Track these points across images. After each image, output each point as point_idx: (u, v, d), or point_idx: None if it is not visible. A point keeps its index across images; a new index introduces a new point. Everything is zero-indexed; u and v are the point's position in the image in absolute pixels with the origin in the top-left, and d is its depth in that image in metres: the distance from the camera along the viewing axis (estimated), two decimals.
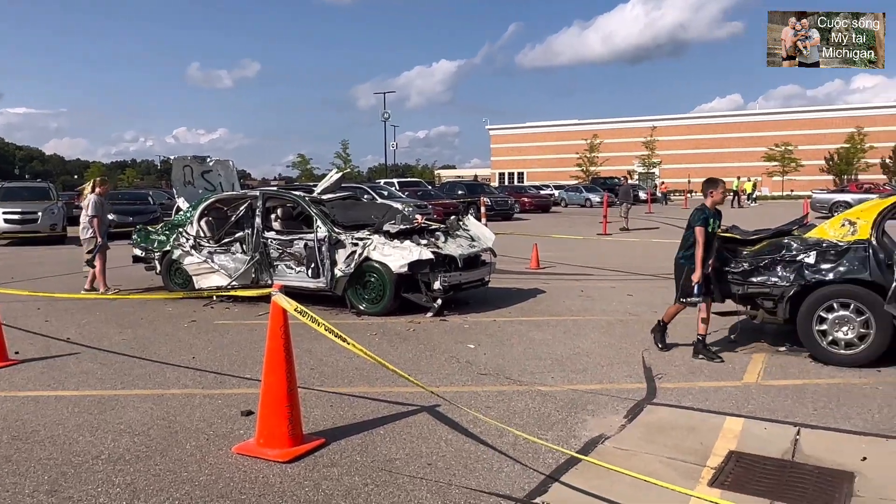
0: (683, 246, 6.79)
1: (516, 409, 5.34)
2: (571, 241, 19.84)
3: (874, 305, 6.17)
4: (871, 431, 4.82)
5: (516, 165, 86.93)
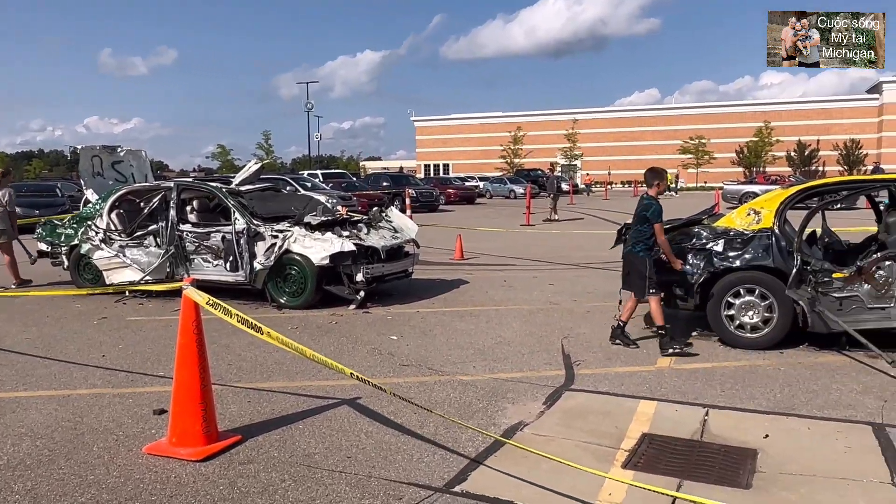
0: (639, 239, 6.68)
1: (437, 400, 5.35)
2: (496, 232, 20.06)
3: (777, 290, 6.48)
4: (774, 410, 5.07)
5: (442, 157, 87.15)
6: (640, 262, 6.67)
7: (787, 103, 78.53)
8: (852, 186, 7.47)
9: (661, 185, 6.80)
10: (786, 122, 72.11)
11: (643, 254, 6.66)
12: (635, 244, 6.72)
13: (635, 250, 6.72)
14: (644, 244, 6.67)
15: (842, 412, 5.00)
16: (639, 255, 6.68)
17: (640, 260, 6.68)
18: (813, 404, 5.18)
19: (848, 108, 74.03)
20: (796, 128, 70.99)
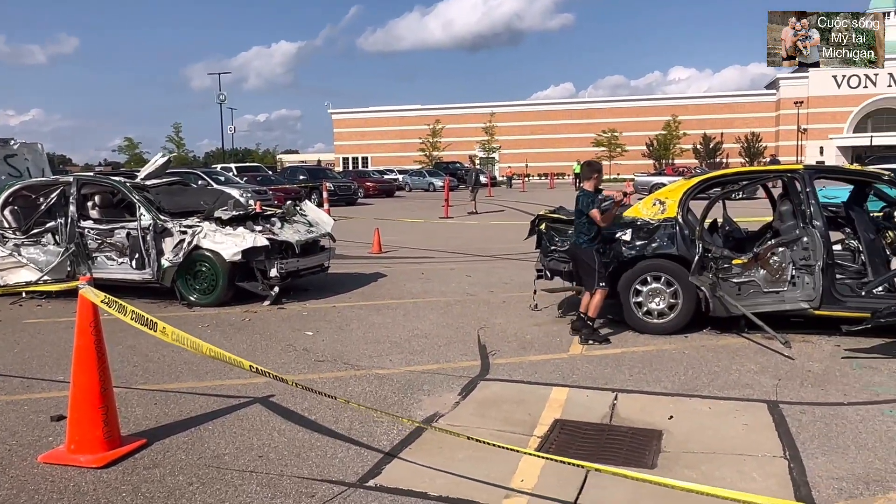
0: (581, 231, 6.68)
1: (353, 394, 5.31)
2: (414, 224, 20.07)
3: (681, 277, 6.75)
4: (678, 392, 5.28)
5: (360, 150, 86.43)
6: (587, 255, 6.65)
7: (694, 98, 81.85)
8: (749, 177, 7.85)
9: (597, 178, 6.78)
10: (692, 115, 75.14)
11: (586, 245, 6.64)
12: (578, 236, 6.72)
13: (579, 242, 6.70)
14: (586, 236, 6.65)
15: (740, 391, 5.26)
16: (582, 246, 6.67)
17: (585, 252, 6.66)
18: (714, 385, 5.42)
19: (749, 103, 77.85)
20: (702, 121, 74.12)
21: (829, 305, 6.45)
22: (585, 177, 6.83)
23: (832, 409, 4.85)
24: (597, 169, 6.84)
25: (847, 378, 5.53)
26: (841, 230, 7.97)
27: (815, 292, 6.46)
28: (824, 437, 4.35)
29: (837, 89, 73.27)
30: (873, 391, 5.21)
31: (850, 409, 4.86)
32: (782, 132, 73.73)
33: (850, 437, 4.35)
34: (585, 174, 6.85)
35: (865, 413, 4.77)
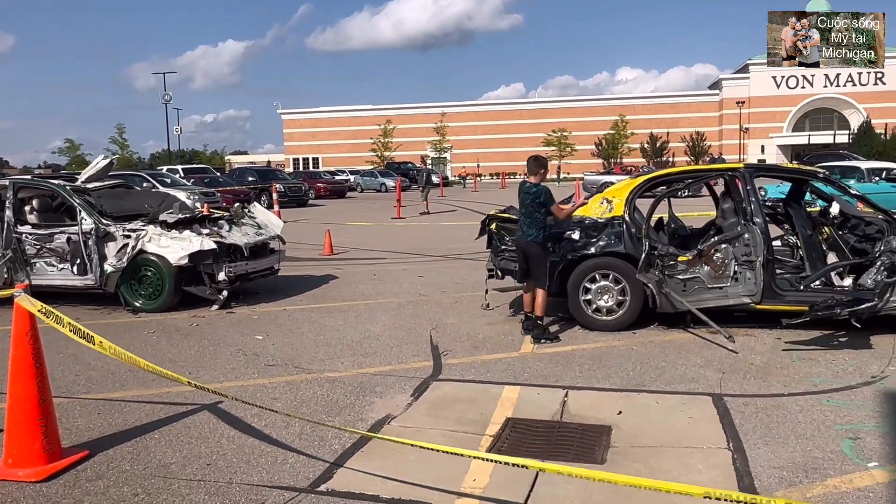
0: (535, 226, 6.64)
1: (304, 398, 5.25)
2: (366, 226, 19.98)
3: (629, 275, 6.87)
4: (627, 387, 5.38)
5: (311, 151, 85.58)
6: (539, 249, 6.66)
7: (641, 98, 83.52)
8: (693, 175, 8.04)
9: (544, 172, 6.83)
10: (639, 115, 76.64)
11: (541, 239, 6.63)
12: (529, 231, 6.66)
13: (531, 236, 6.67)
14: (540, 231, 6.62)
15: (686, 385, 5.39)
16: (537, 240, 6.64)
17: (537, 247, 6.65)
18: (661, 380, 5.54)
19: (694, 103, 79.77)
20: (649, 121, 75.66)
21: (770, 300, 6.65)
22: (532, 171, 6.81)
23: (773, 401, 5.00)
24: (542, 164, 6.89)
25: (787, 370, 5.71)
26: (780, 226, 8.23)
27: (757, 287, 6.65)
28: (766, 428, 4.49)
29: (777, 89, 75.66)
30: (812, 382, 5.39)
31: (790, 399, 5.02)
32: (725, 131, 75.75)
33: (790, 427, 4.50)
34: (532, 168, 6.83)
35: (805, 403, 4.94)
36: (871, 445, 4.21)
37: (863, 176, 19.63)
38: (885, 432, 4.39)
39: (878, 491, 3.64)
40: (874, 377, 5.46)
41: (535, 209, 6.65)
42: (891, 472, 3.84)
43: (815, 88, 74.85)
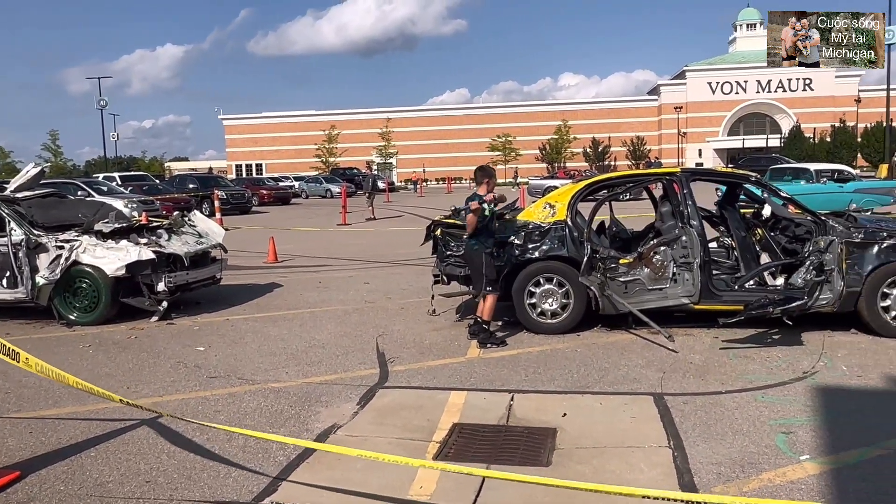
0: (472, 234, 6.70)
1: (248, 410, 5.16)
2: (311, 232, 19.77)
3: (572, 278, 6.97)
4: (571, 389, 5.45)
5: (254, 157, 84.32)
6: (477, 258, 6.70)
7: (583, 103, 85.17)
8: (632, 180, 8.21)
9: (489, 182, 6.87)
10: (581, 120, 78.09)
11: (478, 247, 6.70)
12: (471, 239, 6.75)
13: (471, 244, 6.74)
14: (480, 239, 6.69)
15: (628, 386, 5.50)
16: (474, 248, 6.71)
17: (476, 254, 6.70)
18: (605, 381, 5.64)
19: (634, 108, 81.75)
20: (591, 126, 77.14)
21: (707, 300, 6.85)
22: (478, 181, 6.90)
23: (711, 398, 5.15)
24: (489, 174, 6.95)
25: (725, 368, 5.88)
26: (716, 228, 8.49)
27: (695, 288, 6.84)
28: (705, 426, 4.61)
29: (712, 95, 78.14)
30: (748, 379, 5.57)
31: (727, 397, 5.18)
32: (664, 136, 77.83)
33: (727, 424, 4.63)
34: (478, 178, 6.92)
35: (741, 400, 5.10)
36: (802, 439, 4.37)
37: (812, 177, 20.64)
38: (816, 426, 4.57)
39: (809, 483, 3.78)
40: (805, 373, 5.67)
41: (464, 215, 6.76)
42: (821, 463, 4.00)
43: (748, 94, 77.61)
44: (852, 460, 4.04)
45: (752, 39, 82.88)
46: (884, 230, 6.77)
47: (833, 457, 4.08)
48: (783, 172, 22.07)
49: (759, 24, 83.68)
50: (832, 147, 57.40)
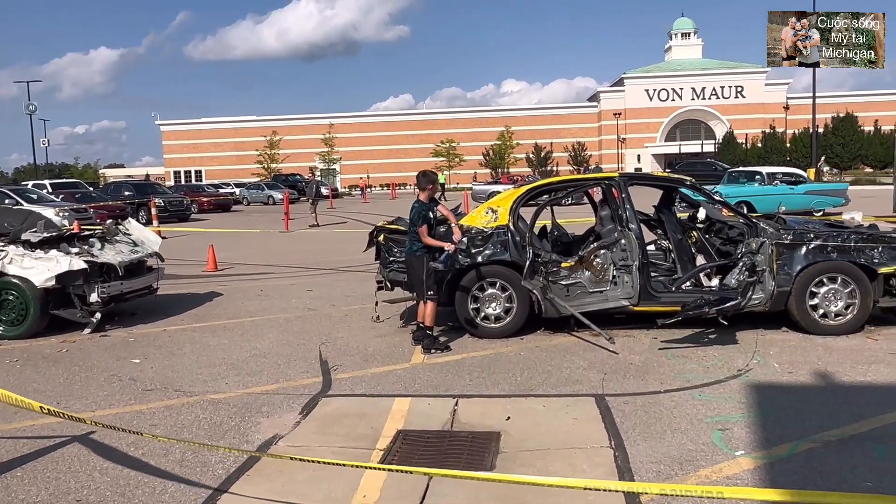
0: (414, 240, 6.70)
1: (185, 423, 5.01)
2: (253, 240, 19.42)
3: (515, 282, 7.03)
4: (515, 393, 5.49)
5: (193, 163, 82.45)
6: (418, 263, 6.68)
7: (525, 109, 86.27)
8: (572, 185, 8.35)
9: (431, 188, 6.88)
10: (524, 126, 79.06)
11: (419, 253, 6.68)
12: (411, 244, 6.75)
13: (413, 250, 6.72)
14: (420, 245, 6.69)
15: (571, 388, 5.56)
16: (416, 254, 6.69)
17: (417, 260, 6.69)
18: (548, 383, 5.69)
19: (575, 115, 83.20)
20: (533, 132, 78.17)
21: (646, 301, 7.00)
22: (421, 187, 6.89)
23: (651, 398, 5.25)
24: (432, 180, 6.96)
25: (663, 368, 6.02)
26: (653, 231, 8.69)
27: (634, 290, 6.98)
28: (644, 425, 4.70)
29: (650, 102, 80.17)
30: (685, 378, 5.71)
31: (666, 396, 5.29)
32: (604, 141, 79.42)
33: (666, 423, 4.73)
34: (421, 184, 6.90)
35: (679, 399, 5.22)
36: (738, 435, 4.49)
37: (764, 179, 21.51)
38: (750, 422, 4.71)
39: (744, 478, 3.89)
40: (740, 371, 5.85)
41: (413, 223, 6.75)
42: (755, 458, 4.12)
43: (683, 101, 79.90)
44: (784, 454, 4.17)
45: (687, 48, 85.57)
46: (811, 231, 7.04)
47: (766, 451, 4.21)
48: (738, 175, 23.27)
49: (693, 33, 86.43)
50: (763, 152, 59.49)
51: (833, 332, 6.78)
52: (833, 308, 6.83)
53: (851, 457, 4.09)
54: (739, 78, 79.65)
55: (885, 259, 6.81)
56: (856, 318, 6.81)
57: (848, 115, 56.57)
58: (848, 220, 7.74)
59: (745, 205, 20.71)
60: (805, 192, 20.19)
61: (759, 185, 21.17)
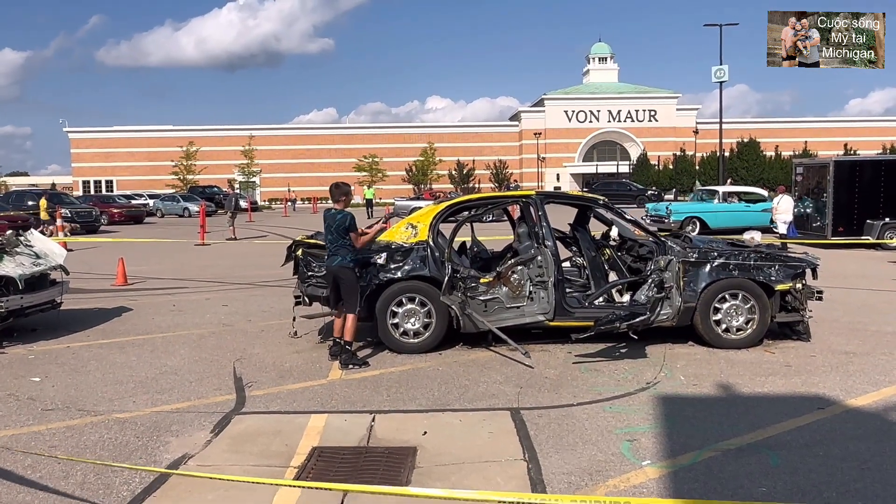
0: (342, 251, 6.63)
1: (88, 444, 4.79)
2: (166, 253, 18.78)
3: (434, 297, 7.08)
4: (432, 408, 5.51)
5: (104, 173, 79.02)
6: (350, 274, 6.64)
7: (449, 126, 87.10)
8: (491, 202, 8.47)
9: (346, 199, 6.84)
10: (448, 143, 79.76)
11: (352, 264, 6.63)
12: (343, 257, 6.65)
13: (344, 262, 6.64)
14: (351, 255, 6.64)
15: (487, 402, 5.64)
16: (349, 265, 6.63)
17: (348, 272, 6.63)
18: (465, 398, 5.75)
19: (497, 133, 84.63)
20: (456, 149, 78.93)
21: (561, 317, 7.17)
22: (335, 198, 6.85)
23: (564, 411, 5.38)
24: (345, 191, 6.92)
25: (577, 381, 6.18)
26: (568, 248, 8.93)
27: (550, 305, 7.15)
28: (557, 437, 4.81)
29: (569, 122, 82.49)
30: (597, 391, 5.88)
31: (578, 409, 5.44)
32: (525, 160, 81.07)
33: (578, 435, 4.86)
34: (335, 195, 6.86)
35: (591, 411, 5.37)
36: (645, 445, 4.66)
37: (719, 197, 23.23)
38: (657, 433, 4.90)
39: (650, 486, 4.04)
40: (648, 383, 6.08)
41: (341, 235, 6.67)
42: (661, 468, 4.29)
43: (600, 123, 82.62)
44: (687, 462, 4.36)
45: (604, 72, 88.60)
46: (715, 250, 7.41)
47: (671, 461, 4.39)
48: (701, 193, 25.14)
49: (609, 57, 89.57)
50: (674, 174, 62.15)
51: (735, 346, 7.14)
52: (735, 323, 7.19)
53: (749, 464, 4.31)
54: (653, 102, 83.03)
55: (781, 277, 7.23)
56: (755, 332, 7.20)
57: (751, 141, 59.93)
58: (748, 240, 8.18)
59: (697, 221, 22.44)
60: (762, 209, 21.50)
61: (717, 202, 22.85)
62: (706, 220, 22.38)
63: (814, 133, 78.90)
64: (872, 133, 79.18)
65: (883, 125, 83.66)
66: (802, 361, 6.74)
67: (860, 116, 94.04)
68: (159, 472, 4.15)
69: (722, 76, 39.67)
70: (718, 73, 39.66)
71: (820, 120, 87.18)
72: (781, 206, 17.93)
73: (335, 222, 6.68)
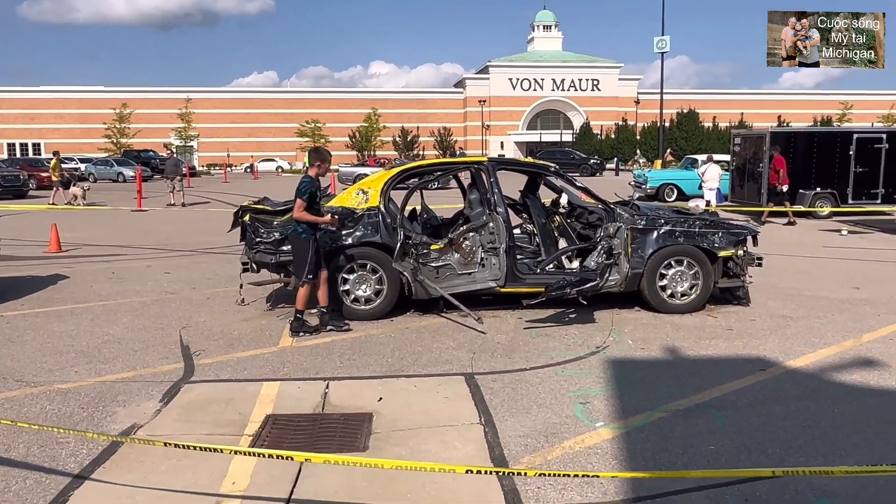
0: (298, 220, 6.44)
1: (30, 415, 4.62)
2: (102, 219, 18.11)
3: (385, 264, 7.03)
4: (386, 374, 5.50)
5: (30, 135, 75.37)
6: (303, 245, 6.46)
7: (393, 92, 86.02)
8: (443, 168, 8.43)
9: (321, 165, 6.63)
10: (391, 109, 78.87)
11: (305, 235, 6.46)
12: (296, 225, 6.48)
13: (297, 231, 6.48)
14: (305, 225, 6.46)
15: (441, 367, 5.66)
16: (301, 236, 6.47)
17: (301, 242, 6.47)
18: (418, 364, 5.75)
19: (441, 100, 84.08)
20: (400, 115, 78.16)
21: (512, 283, 7.23)
22: (310, 163, 6.68)
23: (517, 375, 5.45)
24: (322, 157, 6.70)
25: (528, 346, 6.25)
26: (519, 216, 8.98)
27: (501, 272, 7.18)
28: (512, 401, 4.87)
29: (513, 90, 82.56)
30: (549, 356, 5.97)
31: (531, 373, 5.51)
32: (469, 127, 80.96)
33: (532, 398, 4.93)
34: (311, 160, 6.70)
35: (544, 375, 5.45)
36: (597, 407, 4.76)
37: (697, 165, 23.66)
38: (609, 395, 5.01)
39: (604, 447, 4.13)
40: (598, 347, 6.20)
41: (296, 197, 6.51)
42: (613, 429, 4.39)
43: (544, 91, 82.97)
44: (639, 423, 4.47)
45: (549, 40, 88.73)
46: (661, 217, 7.55)
47: (623, 422, 4.50)
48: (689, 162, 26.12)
49: (554, 25, 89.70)
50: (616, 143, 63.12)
51: (679, 311, 7.33)
52: (679, 288, 7.38)
53: (697, 424, 4.45)
54: (596, 72, 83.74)
55: (724, 243, 7.44)
56: (699, 297, 7.41)
57: (691, 111, 61.18)
58: (693, 208, 8.38)
59: (674, 187, 23.55)
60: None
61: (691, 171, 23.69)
62: (682, 186, 23.31)
63: (749, 105, 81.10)
64: (804, 106, 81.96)
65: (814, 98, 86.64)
66: (743, 325, 6.98)
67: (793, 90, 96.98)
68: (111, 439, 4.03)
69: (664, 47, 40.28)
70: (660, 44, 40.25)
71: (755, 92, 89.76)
72: (708, 175, 18.64)
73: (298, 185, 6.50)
